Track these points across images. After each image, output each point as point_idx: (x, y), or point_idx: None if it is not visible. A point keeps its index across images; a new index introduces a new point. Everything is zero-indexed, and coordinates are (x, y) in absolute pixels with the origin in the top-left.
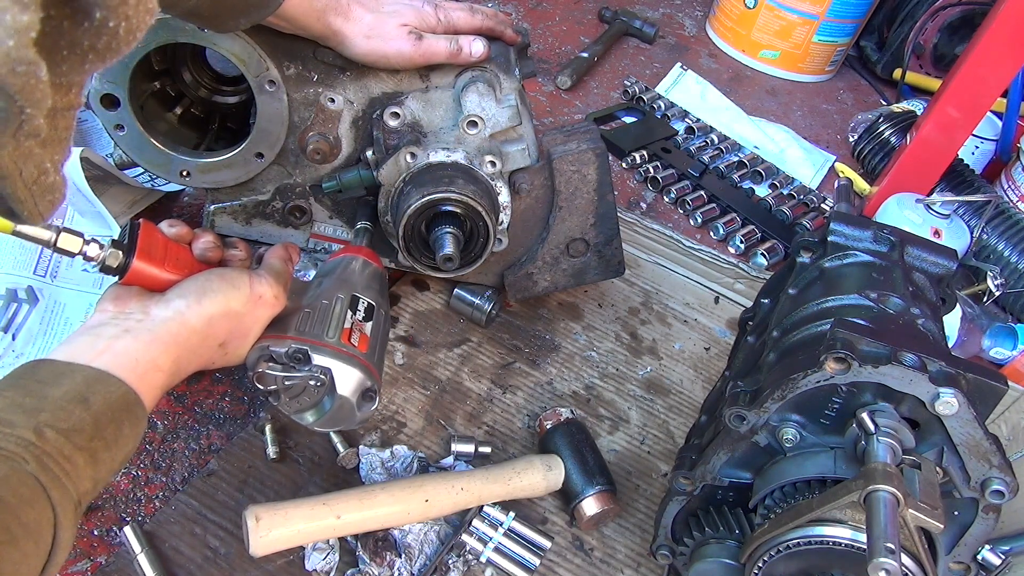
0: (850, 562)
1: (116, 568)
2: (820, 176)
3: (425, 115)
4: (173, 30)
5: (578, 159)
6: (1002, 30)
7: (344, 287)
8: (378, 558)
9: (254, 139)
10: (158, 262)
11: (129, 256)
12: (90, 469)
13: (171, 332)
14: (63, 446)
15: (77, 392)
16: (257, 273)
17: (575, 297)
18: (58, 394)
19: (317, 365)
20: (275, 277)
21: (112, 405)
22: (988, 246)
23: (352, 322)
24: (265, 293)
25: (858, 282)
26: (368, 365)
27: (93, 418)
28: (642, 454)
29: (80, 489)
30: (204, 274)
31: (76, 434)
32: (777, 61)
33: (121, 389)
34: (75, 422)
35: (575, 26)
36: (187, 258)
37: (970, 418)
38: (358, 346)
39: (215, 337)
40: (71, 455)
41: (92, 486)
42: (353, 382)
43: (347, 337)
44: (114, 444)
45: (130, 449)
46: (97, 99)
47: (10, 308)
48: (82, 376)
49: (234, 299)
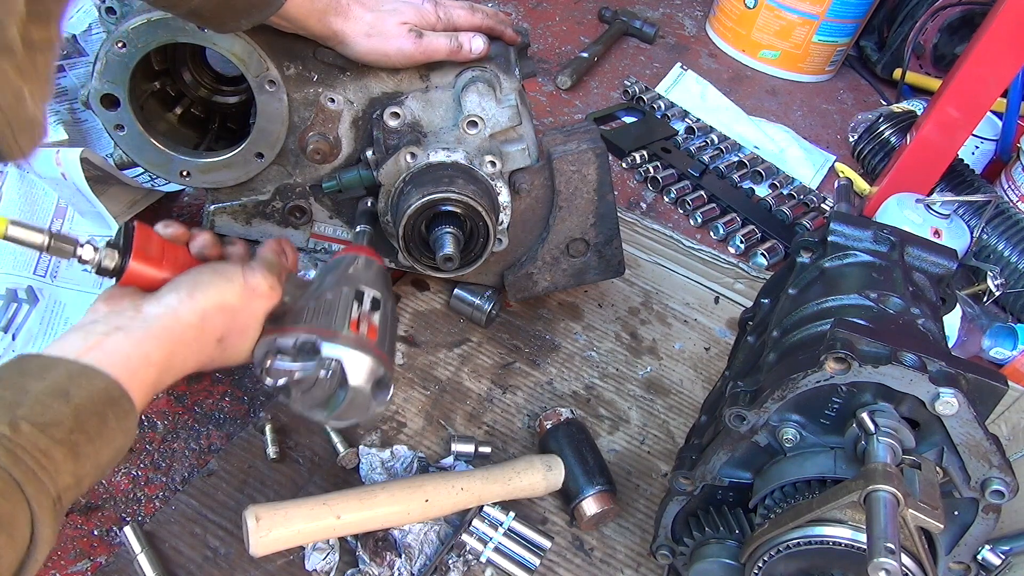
0: (850, 562)
1: (116, 568)
2: (820, 176)
3: (425, 115)
4: (173, 30)
5: (578, 159)
6: (1002, 30)
7: (348, 281)
8: (378, 558)
9: (254, 139)
10: (154, 262)
11: (125, 257)
12: (70, 464)
13: (164, 327)
14: (38, 439)
15: (58, 386)
16: (250, 265)
17: (575, 297)
18: (39, 388)
19: (327, 356)
20: (268, 268)
21: (94, 398)
22: (988, 246)
23: (359, 313)
24: (259, 284)
25: (858, 282)
26: (380, 353)
27: (73, 411)
28: (642, 454)
29: (59, 484)
30: (196, 268)
31: (54, 427)
32: (777, 61)
33: (104, 382)
34: (53, 416)
35: (575, 26)
36: (184, 258)
37: (970, 418)
38: (367, 335)
39: (211, 331)
40: (48, 449)
41: (74, 481)
42: (366, 371)
43: (355, 327)
44: (97, 437)
45: (119, 444)
46: (97, 99)
47: (10, 308)
48: (65, 370)
49: (227, 291)
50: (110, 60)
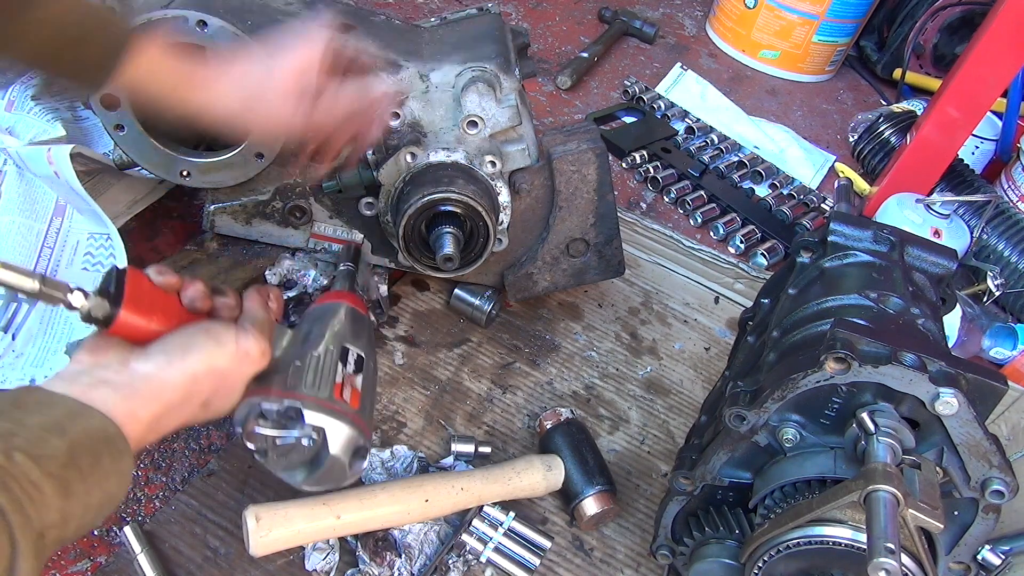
0: (850, 562)
1: (116, 568)
2: (820, 176)
3: (425, 115)
4: (173, 30)
5: (578, 159)
6: (1002, 30)
7: (333, 338)
8: (378, 558)
9: (254, 139)
10: (145, 313)
11: (115, 307)
12: (59, 499)
13: (151, 388)
14: (31, 470)
15: (56, 421)
16: (243, 328)
17: (575, 297)
18: (36, 421)
19: (310, 424)
20: (260, 329)
21: (91, 435)
22: (988, 246)
23: (343, 376)
24: (252, 349)
25: (858, 282)
26: (360, 422)
27: (68, 446)
28: (642, 454)
29: (45, 519)
30: (189, 329)
31: (48, 460)
32: (777, 61)
33: (101, 421)
34: (49, 449)
35: (575, 26)
36: (175, 308)
37: (970, 418)
38: (350, 402)
39: (198, 395)
40: (38, 481)
41: (60, 519)
42: (346, 441)
43: (339, 392)
44: (90, 476)
45: (111, 489)
46: (97, 99)
47: (10, 308)
48: (64, 407)
49: (219, 356)
50: None
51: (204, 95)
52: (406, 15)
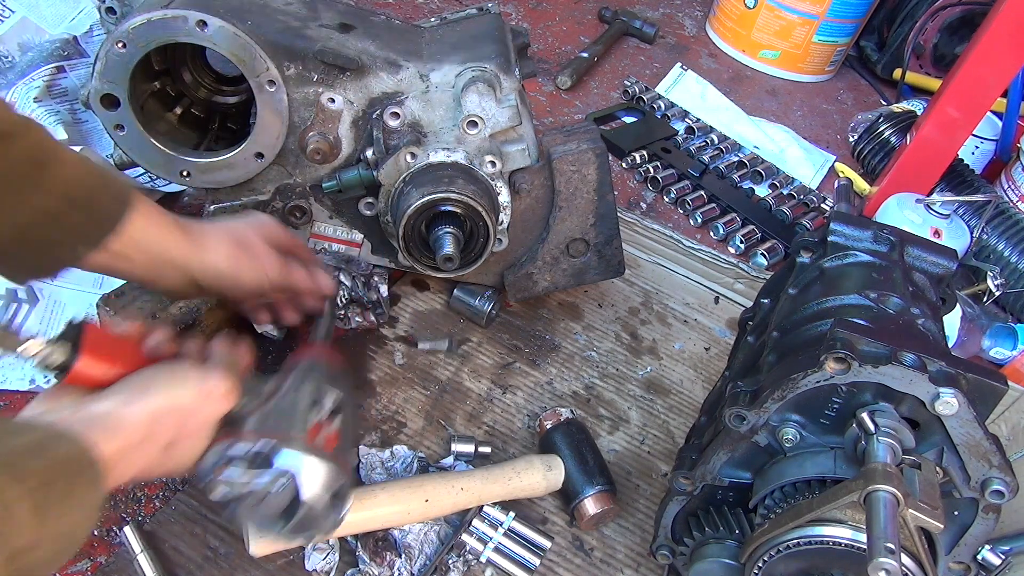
0: (850, 562)
1: (116, 568)
2: (820, 176)
3: (425, 115)
4: (173, 30)
5: (578, 159)
6: (1002, 30)
7: (307, 382)
8: (378, 558)
9: (254, 139)
10: (105, 359)
11: (73, 354)
12: (34, 521)
13: (108, 424)
14: (6, 490)
15: (35, 443)
16: (208, 366)
17: (575, 297)
18: (14, 443)
19: (281, 468)
20: (226, 369)
21: (68, 458)
22: (988, 246)
23: (319, 418)
24: (216, 387)
25: (858, 282)
26: (339, 462)
27: (44, 467)
28: (642, 454)
29: (14, 542)
30: (150, 369)
31: (26, 480)
32: (777, 61)
33: (76, 447)
34: (25, 470)
35: (575, 26)
36: (136, 356)
37: (970, 418)
38: (325, 446)
39: (161, 435)
40: (11, 503)
41: (32, 543)
42: (324, 479)
43: (314, 435)
44: (64, 501)
45: (79, 519)
46: (97, 99)
47: (10, 308)
48: (43, 432)
49: (181, 394)
50: (110, 60)
51: (200, 240)
52: (406, 15)
